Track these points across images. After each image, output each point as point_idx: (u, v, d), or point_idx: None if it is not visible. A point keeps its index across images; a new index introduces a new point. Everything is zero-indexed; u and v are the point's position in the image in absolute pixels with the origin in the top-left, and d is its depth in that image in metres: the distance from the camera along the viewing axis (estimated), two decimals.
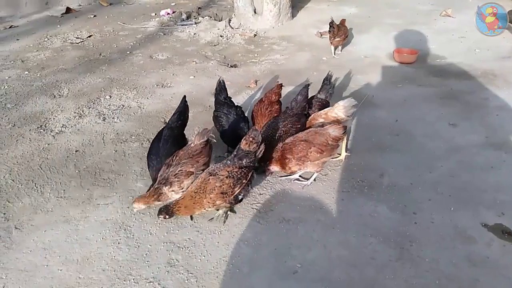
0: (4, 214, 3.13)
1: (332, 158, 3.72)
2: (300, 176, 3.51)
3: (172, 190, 2.95)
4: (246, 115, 3.98)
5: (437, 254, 2.76)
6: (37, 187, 3.42)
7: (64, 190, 3.39)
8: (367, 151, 3.90)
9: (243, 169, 2.93)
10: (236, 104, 4.03)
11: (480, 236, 2.90)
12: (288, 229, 3.00)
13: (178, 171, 2.95)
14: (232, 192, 2.87)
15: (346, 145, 3.90)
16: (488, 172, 3.56)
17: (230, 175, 2.87)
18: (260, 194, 3.34)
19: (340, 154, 3.75)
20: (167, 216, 2.89)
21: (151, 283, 2.58)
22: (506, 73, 5.39)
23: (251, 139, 2.97)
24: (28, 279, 2.60)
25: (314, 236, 2.93)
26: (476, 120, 4.36)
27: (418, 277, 2.60)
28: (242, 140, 3.00)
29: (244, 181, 2.92)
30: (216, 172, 2.88)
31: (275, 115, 3.82)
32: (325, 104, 3.98)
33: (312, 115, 3.72)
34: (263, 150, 3.07)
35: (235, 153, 2.99)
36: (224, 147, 3.87)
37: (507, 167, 3.61)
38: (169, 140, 3.29)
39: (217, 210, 3.06)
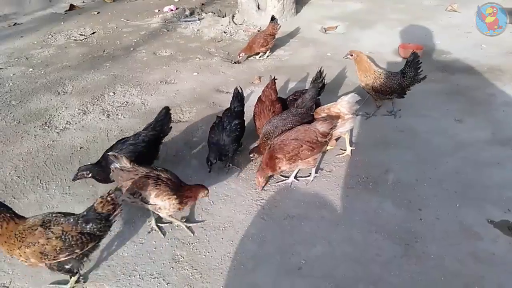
0: None
1: (338, 154, 3.71)
2: (297, 176, 3.49)
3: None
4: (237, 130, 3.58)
5: (442, 250, 2.75)
6: (42, 184, 3.43)
7: (69, 187, 3.40)
8: (372, 147, 3.88)
9: (83, 236, 2.31)
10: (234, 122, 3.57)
11: (486, 232, 2.89)
12: (293, 226, 2.99)
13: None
14: (54, 257, 2.28)
15: (351, 140, 3.89)
16: (494, 168, 3.53)
17: (63, 237, 2.27)
18: (264, 190, 3.34)
19: (345, 150, 3.74)
20: None
21: (156, 279, 2.59)
22: None
23: (109, 199, 2.39)
24: (34, 275, 2.62)
25: (319, 232, 2.93)
26: (482, 116, 4.32)
27: (423, 274, 2.59)
28: (99, 198, 2.41)
29: (77, 250, 2.32)
30: (49, 225, 2.28)
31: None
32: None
33: (315, 110, 3.69)
34: (118, 215, 2.48)
35: (85, 212, 2.40)
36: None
37: None
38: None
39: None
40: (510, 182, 3.35)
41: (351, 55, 4.31)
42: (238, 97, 3.77)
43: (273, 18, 5.92)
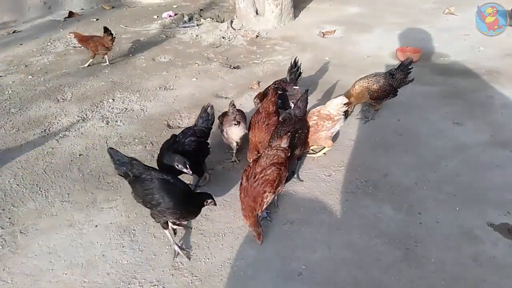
0: (9, 218, 3.15)
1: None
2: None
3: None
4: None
5: (442, 254, 2.74)
6: (41, 191, 3.43)
7: (68, 194, 3.40)
8: (371, 151, 3.88)
9: None
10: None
11: (486, 235, 2.88)
12: (293, 231, 2.99)
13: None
14: None
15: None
16: (494, 171, 3.53)
17: None
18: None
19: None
20: None
21: (156, 286, 2.58)
22: (510, 71, 5.35)
23: None
24: (33, 283, 2.61)
25: (319, 237, 2.92)
26: (481, 119, 4.33)
27: (424, 278, 2.58)
28: None
29: None
30: None
31: (273, 128, 3.52)
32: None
33: (308, 114, 3.72)
34: None
35: None
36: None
37: None
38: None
39: None
40: (510, 185, 3.35)
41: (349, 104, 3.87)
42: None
43: (106, 30, 5.76)
